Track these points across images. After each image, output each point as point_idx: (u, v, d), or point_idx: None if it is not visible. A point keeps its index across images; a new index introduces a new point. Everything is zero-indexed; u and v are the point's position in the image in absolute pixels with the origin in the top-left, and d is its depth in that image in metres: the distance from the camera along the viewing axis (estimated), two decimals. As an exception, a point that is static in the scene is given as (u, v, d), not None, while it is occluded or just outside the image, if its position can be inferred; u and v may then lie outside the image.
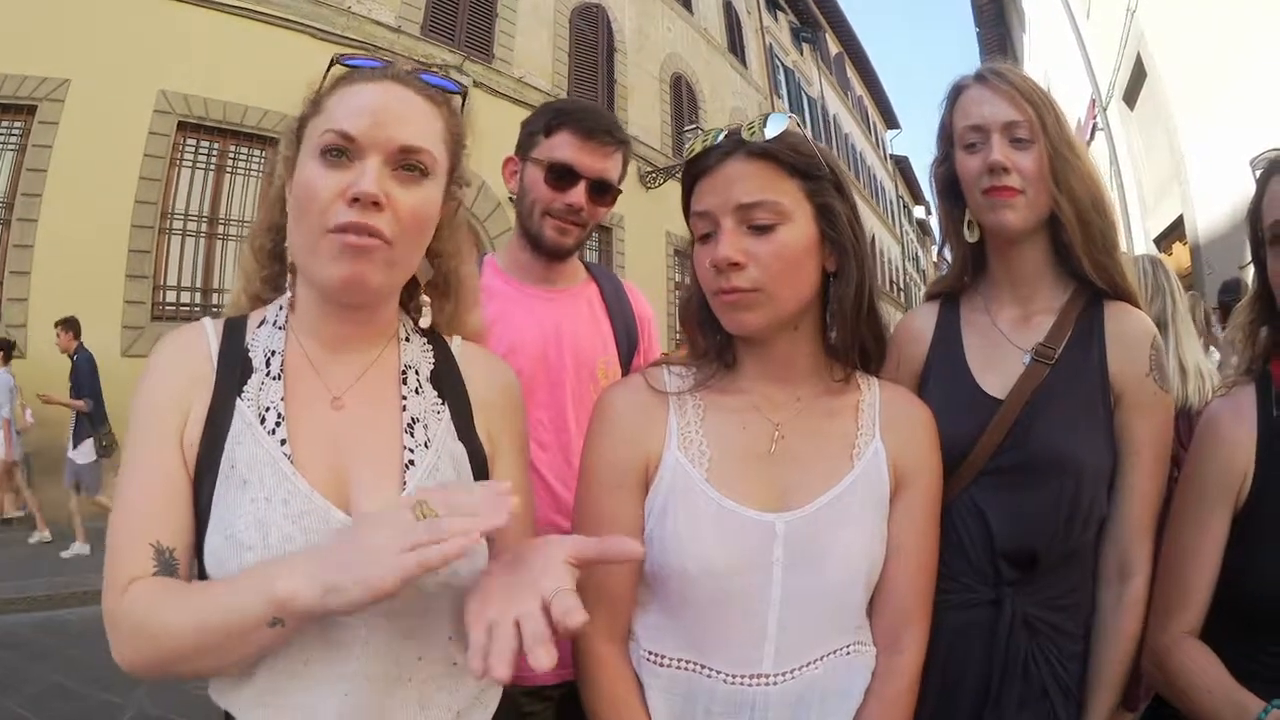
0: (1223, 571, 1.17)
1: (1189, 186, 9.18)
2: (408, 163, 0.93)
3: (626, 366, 1.79)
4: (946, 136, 1.36)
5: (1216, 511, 1.17)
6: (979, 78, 1.31)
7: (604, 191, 1.68)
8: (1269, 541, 1.13)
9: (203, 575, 0.89)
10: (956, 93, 1.34)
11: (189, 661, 0.82)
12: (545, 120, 1.70)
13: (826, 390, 1.14)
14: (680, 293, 14.51)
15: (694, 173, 1.10)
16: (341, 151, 0.91)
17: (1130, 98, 11.36)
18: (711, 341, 1.15)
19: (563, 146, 1.64)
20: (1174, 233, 10.07)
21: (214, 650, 0.81)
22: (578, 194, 1.64)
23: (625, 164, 1.76)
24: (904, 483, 1.12)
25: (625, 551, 0.86)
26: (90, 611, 4.91)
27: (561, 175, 1.63)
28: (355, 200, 0.88)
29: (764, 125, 1.04)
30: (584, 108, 1.76)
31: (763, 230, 1.04)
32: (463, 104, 1.08)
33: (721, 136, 1.08)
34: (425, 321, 1.08)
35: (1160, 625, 1.20)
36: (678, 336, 14.34)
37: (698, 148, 1.09)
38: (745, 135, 1.05)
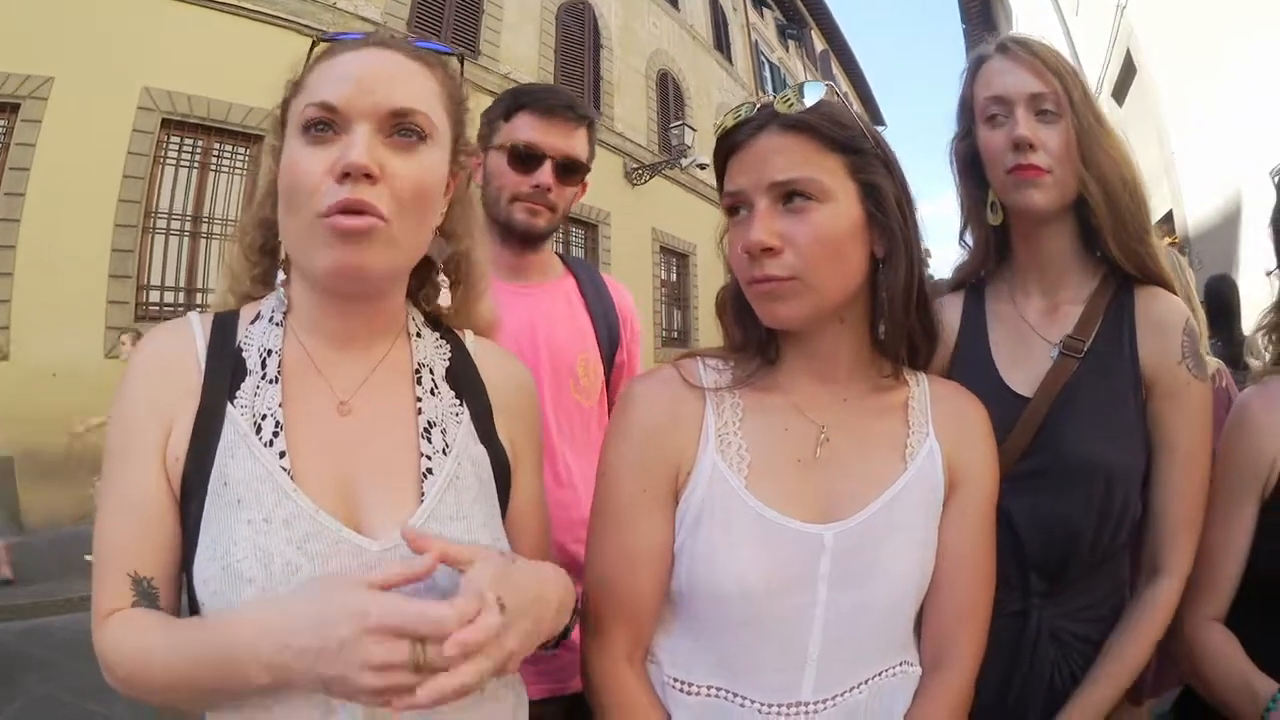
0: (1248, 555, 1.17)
1: (1178, 182, 9.23)
2: (402, 127, 0.84)
3: (609, 363, 1.72)
4: (967, 110, 1.29)
5: (1246, 498, 1.16)
6: (1001, 48, 1.24)
7: (571, 171, 1.62)
8: None
9: (193, 599, 0.82)
10: (978, 63, 1.27)
11: (168, 699, 0.77)
12: (504, 106, 1.65)
13: (874, 388, 1.04)
14: (666, 290, 14.45)
15: (725, 150, 0.99)
16: (326, 124, 0.82)
17: (1119, 94, 11.39)
18: (752, 335, 1.03)
19: (524, 128, 1.60)
20: (1163, 228, 10.12)
21: (190, 697, 0.76)
22: (544, 174, 1.58)
23: (592, 143, 1.69)
24: (958, 484, 1.03)
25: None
26: (75, 620, 4.82)
27: (525, 157, 1.58)
28: (345, 175, 0.79)
29: (801, 95, 0.93)
30: (543, 87, 1.71)
31: (800, 211, 0.92)
32: (461, 69, 0.99)
33: (756, 109, 0.96)
34: (446, 300, 0.98)
35: (1187, 609, 1.18)
36: (664, 334, 14.27)
37: (729, 122, 0.98)
38: (780, 106, 0.94)
